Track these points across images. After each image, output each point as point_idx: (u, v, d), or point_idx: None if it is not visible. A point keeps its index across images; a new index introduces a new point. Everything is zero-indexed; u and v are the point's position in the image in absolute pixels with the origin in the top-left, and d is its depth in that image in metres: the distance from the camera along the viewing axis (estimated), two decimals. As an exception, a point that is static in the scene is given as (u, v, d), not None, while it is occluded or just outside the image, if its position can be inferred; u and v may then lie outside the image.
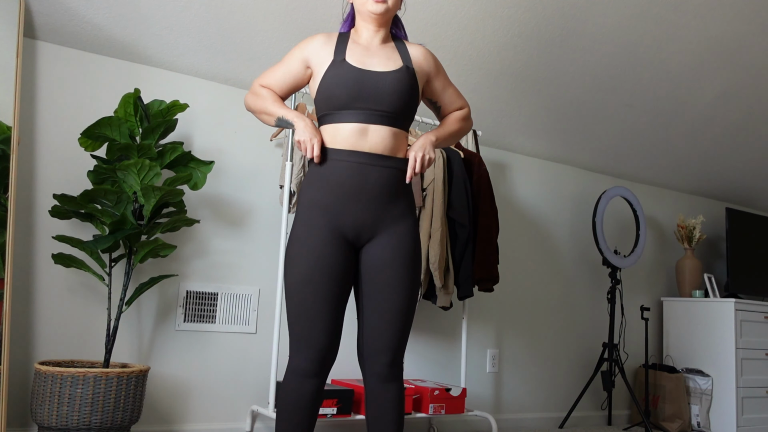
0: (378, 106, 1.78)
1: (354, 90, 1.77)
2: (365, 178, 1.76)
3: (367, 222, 1.78)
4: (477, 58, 3.28)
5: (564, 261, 4.13)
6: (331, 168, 1.78)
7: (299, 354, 1.77)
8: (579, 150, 4.12)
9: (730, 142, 4.40)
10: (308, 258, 1.75)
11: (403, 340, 1.84)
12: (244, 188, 3.09)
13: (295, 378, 1.78)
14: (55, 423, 2.24)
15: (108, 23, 2.70)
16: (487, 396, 3.70)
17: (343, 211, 1.77)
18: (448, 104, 2.02)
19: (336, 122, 1.80)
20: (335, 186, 1.77)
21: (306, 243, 1.76)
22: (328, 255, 1.75)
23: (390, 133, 1.80)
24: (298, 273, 1.75)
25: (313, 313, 1.74)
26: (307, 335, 1.76)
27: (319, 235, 1.75)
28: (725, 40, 3.49)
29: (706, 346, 4.20)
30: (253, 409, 2.92)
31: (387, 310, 1.80)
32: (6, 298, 2.37)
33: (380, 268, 1.79)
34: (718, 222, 5.11)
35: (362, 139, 1.78)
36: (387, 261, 1.78)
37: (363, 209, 1.77)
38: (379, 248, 1.80)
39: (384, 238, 1.80)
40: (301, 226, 1.78)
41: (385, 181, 1.78)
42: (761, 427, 4.17)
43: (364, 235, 1.80)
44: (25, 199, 2.62)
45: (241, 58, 2.98)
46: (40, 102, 2.69)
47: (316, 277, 1.74)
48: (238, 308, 3.01)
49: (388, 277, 1.78)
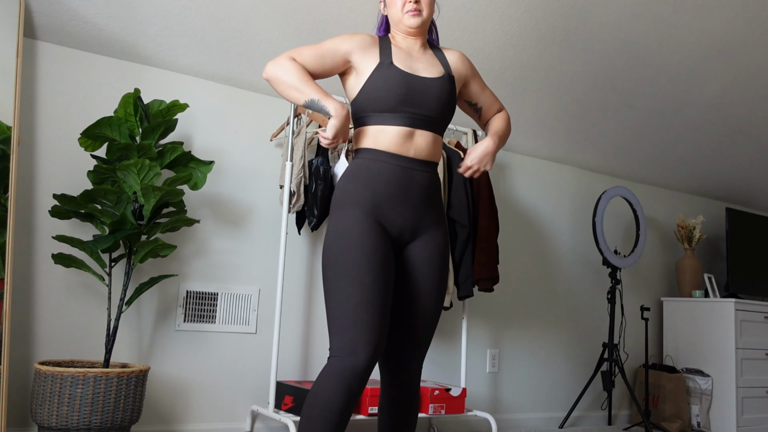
0: (424, 111, 1.79)
1: (402, 94, 1.77)
2: (410, 181, 1.78)
3: (409, 223, 1.79)
4: (477, 58, 3.27)
5: (564, 261, 4.13)
6: (378, 168, 1.77)
7: (354, 352, 1.64)
8: (579, 150, 4.12)
9: (730, 142, 4.40)
10: (362, 251, 1.69)
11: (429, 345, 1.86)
12: (244, 188, 3.09)
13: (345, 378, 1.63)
14: (55, 423, 2.24)
15: (108, 23, 2.70)
16: (487, 396, 3.70)
17: (390, 211, 1.77)
18: (488, 105, 2.03)
19: (381, 124, 1.79)
20: (384, 186, 1.76)
21: (359, 238, 1.71)
22: (381, 250, 1.72)
23: (432, 139, 1.82)
24: (351, 266, 1.68)
25: (372, 307, 1.66)
26: (367, 331, 1.65)
27: (371, 231, 1.72)
28: (725, 40, 3.49)
29: (706, 346, 4.20)
30: (253, 409, 2.92)
31: (424, 312, 1.80)
32: (6, 298, 2.37)
33: (420, 269, 1.80)
34: (718, 222, 5.11)
35: (408, 143, 1.78)
36: (426, 263, 1.81)
37: (407, 210, 1.78)
38: (418, 250, 1.81)
39: (422, 242, 1.82)
40: (350, 221, 1.73)
41: (426, 187, 1.80)
42: (761, 427, 4.17)
43: (405, 236, 1.81)
44: (25, 199, 2.62)
45: (241, 58, 2.98)
46: (40, 102, 2.69)
47: (373, 269, 1.68)
48: (238, 308, 3.01)
49: (426, 278, 1.80)
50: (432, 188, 1.82)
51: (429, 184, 1.81)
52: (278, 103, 3.23)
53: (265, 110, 3.19)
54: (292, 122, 2.90)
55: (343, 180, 1.82)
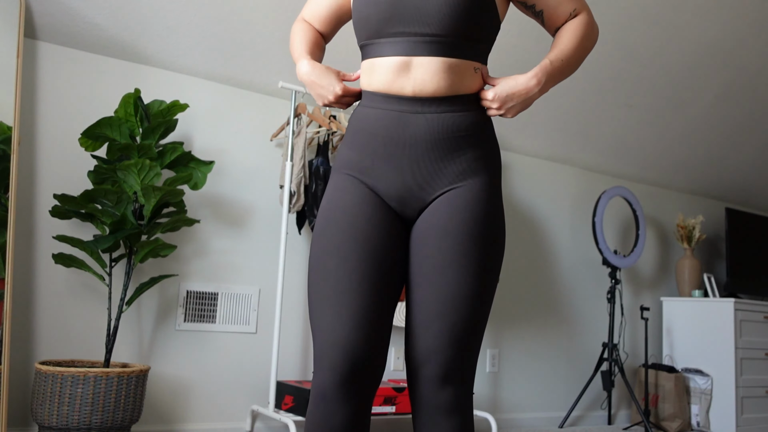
0: (424, 28, 1.27)
1: (387, 9, 1.28)
2: (407, 130, 1.28)
3: (409, 186, 1.29)
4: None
5: (564, 261, 4.13)
6: (364, 118, 1.32)
7: (321, 364, 1.21)
8: (579, 150, 4.12)
9: (730, 142, 4.40)
10: (337, 226, 1.27)
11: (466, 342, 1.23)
12: (244, 188, 3.09)
13: (317, 404, 1.21)
14: (55, 423, 2.24)
15: (108, 23, 2.70)
16: (487, 396, 3.70)
17: (380, 173, 1.30)
18: (555, 5, 1.37)
19: (372, 56, 1.32)
20: (369, 142, 1.31)
21: (335, 211, 1.29)
22: (364, 222, 1.26)
23: (444, 67, 1.27)
24: (322, 246, 1.27)
25: (339, 296, 1.22)
26: (330, 329, 1.21)
27: (352, 200, 1.29)
28: (725, 41, 3.49)
29: (706, 346, 4.20)
30: (253, 409, 2.92)
31: (438, 296, 1.23)
32: (6, 298, 2.37)
33: (430, 241, 1.26)
34: (717, 222, 5.11)
35: (403, 77, 1.28)
36: (440, 231, 1.25)
37: (404, 170, 1.29)
38: (430, 216, 1.28)
39: (438, 204, 1.28)
40: (330, 193, 1.32)
41: (438, 132, 1.28)
42: (761, 426, 4.17)
43: (411, 204, 1.30)
44: (25, 199, 2.62)
45: (241, 58, 2.98)
46: (40, 102, 2.69)
47: (347, 246, 1.24)
48: (238, 308, 3.02)
49: (440, 250, 1.25)
50: (451, 132, 1.28)
51: (444, 128, 1.28)
52: (278, 103, 3.23)
53: (265, 110, 3.19)
54: (292, 122, 2.90)
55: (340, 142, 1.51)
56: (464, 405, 1.24)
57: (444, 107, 1.29)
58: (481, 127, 1.32)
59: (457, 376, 1.23)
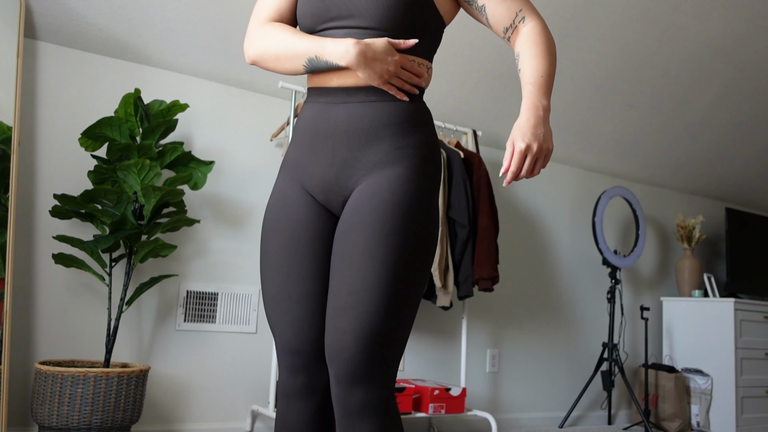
0: (353, 22, 1.24)
1: (318, 3, 1.26)
2: (327, 121, 1.26)
3: (330, 177, 1.25)
4: (477, 58, 3.28)
5: (564, 261, 4.13)
6: (301, 114, 1.33)
7: (279, 364, 1.28)
8: (579, 150, 4.12)
9: (730, 142, 4.40)
10: (271, 232, 1.28)
11: (377, 338, 1.14)
12: (244, 188, 3.09)
13: (282, 400, 1.27)
14: (55, 423, 2.24)
15: (108, 23, 2.70)
16: (487, 396, 3.70)
17: (305, 167, 1.28)
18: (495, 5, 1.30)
19: None
20: (300, 135, 1.30)
21: (270, 215, 1.30)
22: (291, 218, 1.27)
23: None
24: (262, 254, 1.30)
25: (280, 303, 1.25)
26: (279, 335, 1.25)
27: (285, 199, 1.29)
28: (725, 40, 3.49)
29: (706, 346, 4.20)
30: (253, 409, 2.92)
31: (341, 289, 1.17)
32: (6, 298, 2.37)
33: (341, 235, 1.21)
34: (717, 222, 5.11)
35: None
36: (348, 223, 1.20)
37: (324, 161, 1.26)
38: (347, 208, 1.23)
39: (353, 196, 1.23)
40: (273, 194, 1.33)
41: (356, 120, 1.24)
42: (761, 426, 4.17)
43: (334, 197, 1.27)
44: (25, 199, 2.63)
45: (241, 58, 2.98)
46: (40, 102, 2.69)
47: (279, 256, 1.26)
48: (238, 308, 3.02)
49: (347, 243, 1.19)
50: (369, 120, 1.24)
51: (361, 116, 1.24)
52: (278, 103, 3.23)
53: (265, 110, 3.19)
54: (292, 122, 2.90)
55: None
56: (379, 407, 1.14)
57: (368, 97, 1.24)
58: (406, 116, 1.25)
59: (366, 375, 1.13)
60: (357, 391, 1.14)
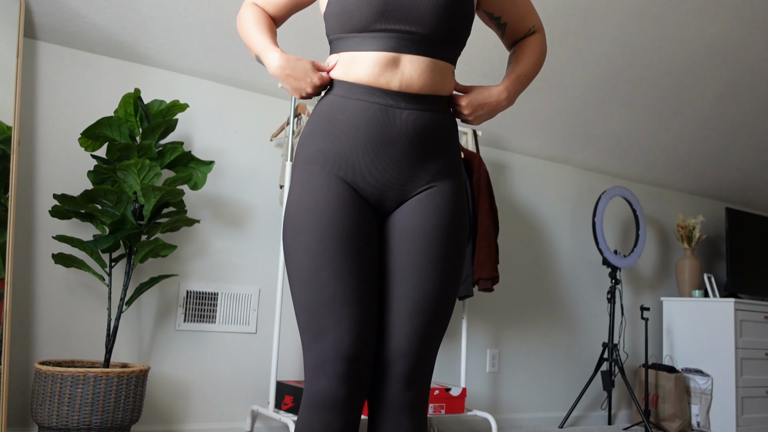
0: (414, 27, 1.28)
1: (379, 4, 1.27)
2: (393, 124, 1.28)
3: (392, 182, 1.29)
4: (477, 58, 3.28)
5: (564, 261, 4.13)
6: (342, 109, 1.30)
7: (323, 371, 1.19)
8: (579, 150, 4.12)
9: (730, 142, 4.40)
10: (317, 224, 1.24)
11: (432, 344, 1.27)
12: (244, 188, 3.09)
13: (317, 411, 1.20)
14: (55, 423, 2.24)
15: (108, 23, 2.70)
16: (487, 396, 3.70)
17: (361, 166, 1.28)
18: (518, 19, 1.45)
19: (353, 49, 1.30)
20: (349, 132, 1.28)
21: (312, 207, 1.25)
22: (345, 218, 1.25)
23: (430, 66, 1.29)
24: (305, 246, 1.23)
25: (340, 308, 1.20)
26: (332, 340, 1.20)
27: (333, 197, 1.26)
28: (725, 40, 3.49)
29: (706, 346, 4.20)
30: (253, 409, 2.92)
31: (415, 295, 1.26)
32: (6, 298, 2.37)
33: (410, 239, 1.28)
34: (718, 222, 5.11)
35: (390, 72, 1.28)
36: (419, 230, 1.28)
37: (388, 165, 1.28)
38: (404, 215, 1.29)
39: (416, 203, 1.30)
40: (306, 185, 1.28)
41: (421, 130, 1.29)
42: (761, 426, 4.17)
43: (390, 199, 1.30)
44: (25, 199, 2.62)
45: (241, 58, 2.98)
46: (40, 102, 2.69)
47: (339, 257, 1.22)
48: (238, 308, 3.01)
49: (419, 249, 1.27)
50: (432, 131, 1.31)
51: (427, 125, 1.30)
52: (278, 103, 3.23)
53: (265, 110, 3.19)
54: (292, 122, 2.90)
55: (303, 134, 1.35)
56: (424, 405, 1.27)
57: (426, 105, 1.30)
58: (454, 129, 1.37)
59: (422, 377, 1.26)
60: (413, 389, 1.25)
